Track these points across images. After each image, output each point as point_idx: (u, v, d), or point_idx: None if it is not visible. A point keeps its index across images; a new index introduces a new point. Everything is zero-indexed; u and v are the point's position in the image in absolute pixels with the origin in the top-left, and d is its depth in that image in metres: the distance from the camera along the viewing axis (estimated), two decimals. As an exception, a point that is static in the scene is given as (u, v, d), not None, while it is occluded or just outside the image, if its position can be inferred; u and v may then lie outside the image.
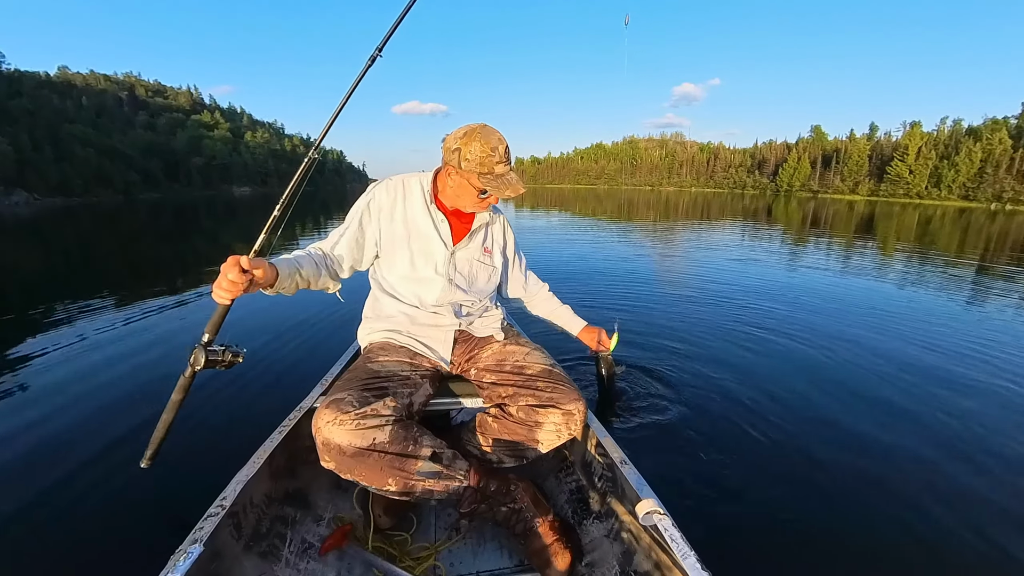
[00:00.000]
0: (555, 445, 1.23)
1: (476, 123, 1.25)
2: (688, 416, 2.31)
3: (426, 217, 1.34)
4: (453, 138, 1.24)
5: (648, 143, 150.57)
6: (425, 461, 1.11)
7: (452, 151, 1.23)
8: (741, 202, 38.01)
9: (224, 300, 1.04)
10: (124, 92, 76.06)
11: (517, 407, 1.23)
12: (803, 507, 1.70)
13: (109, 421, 2.28)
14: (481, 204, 1.30)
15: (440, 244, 1.34)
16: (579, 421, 1.22)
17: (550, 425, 1.20)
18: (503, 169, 1.23)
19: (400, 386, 1.20)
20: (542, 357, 1.34)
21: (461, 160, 1.21)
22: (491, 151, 1.20)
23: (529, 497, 1.20)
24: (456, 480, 1.14)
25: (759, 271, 6.51)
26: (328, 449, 1.06)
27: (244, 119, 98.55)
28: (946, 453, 2.08)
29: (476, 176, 1.21)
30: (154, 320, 3.97)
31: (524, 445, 1.23)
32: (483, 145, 1.19)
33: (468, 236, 1.38)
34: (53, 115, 50.35)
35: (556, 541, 1.14)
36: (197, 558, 0.86)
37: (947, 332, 3.81)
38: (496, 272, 1.48)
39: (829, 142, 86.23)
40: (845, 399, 2.54)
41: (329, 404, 1.08)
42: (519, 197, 1.87)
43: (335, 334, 3.50)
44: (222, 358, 1.12)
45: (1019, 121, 58.46)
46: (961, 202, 55.85)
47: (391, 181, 1.38)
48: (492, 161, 1.20)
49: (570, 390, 1.24)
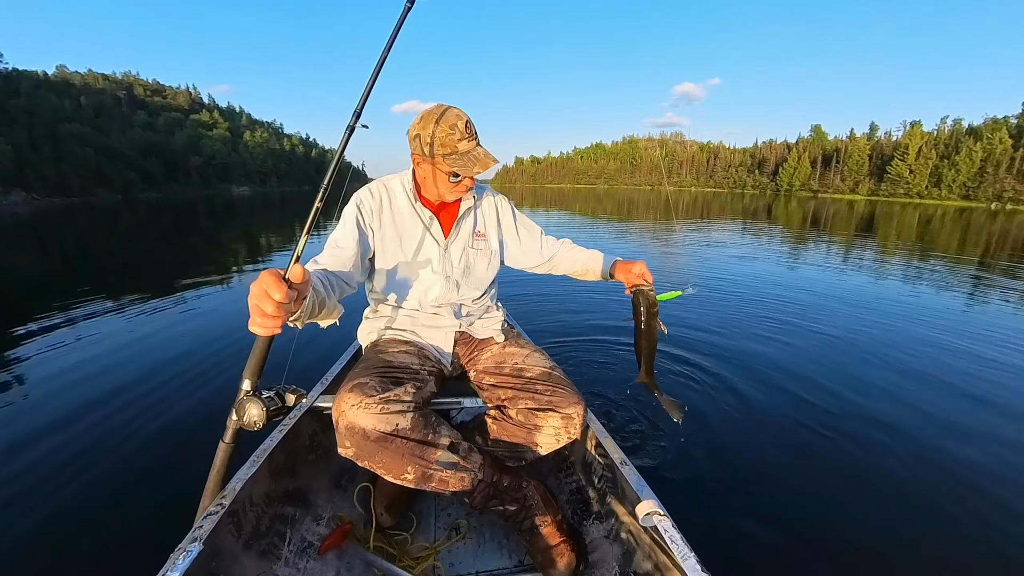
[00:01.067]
0: (554, 448, 1.22)
1: (433, 104, 1.20)
2: (688, 417, 2.30)
3: (414, 217, 1.30)
4: (412, 125, 1.19)
5: (648, 142, 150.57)
6: (444, 451, 1.10)
7: (413, 139, 1.19)
8: (741, 202, 38.02)
9: (267, 331, 0.78)
10: (123, 91, 75.93)
11: (516, 410, 1.22)
12: (803, 509, 1.70)
13: (108, 419, 2.28)
14: (457, 188, 1.24)
15: (432, 242, 1.31)
16: (578, 425, 1.20)
17: (549, 429, 1.19)
18: (468, 145, 1.17)
19: (414, 376, 1.19)
20: (542, 359, 1.32)
21: (423, 146, 1.16)
22: (450, 129, 1.14)
23: (540, 496, 1.21)
24: (471, 472, 1.13)
25: (755, 269, 6.50)
26: (352, 433, 1.02)
27: (243, 119, 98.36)
28: (944, 453, 2.08)
29: (441, 159, 1.16)
30: (152, 319, 3.96)
31: (523, 447, 1.22)
32: (441, 125, 1.14)
33: (456, 225, 1.33)
34: (51, 114, 50.19)
35: (563, 542, 1.14)
36: (196, 556, 0.86)
37: (945, 330, 3.82)
38: (495, 254, 1.42)
39: (829, 141, 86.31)
40: (846, 401, 2.54)
41: (352, 388, 1.05)
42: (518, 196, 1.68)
43: (334, 333, 3.47)
44: (282, 403, 0.97)
45: (1019, 121, 58.48)
46: (961, 202, 55.91)
47: (373, 186, 1.31)
48: (453, 140, 1.14)
49: (570, 393, 1.22)
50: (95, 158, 49.74)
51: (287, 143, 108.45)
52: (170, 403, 2.45)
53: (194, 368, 2.89)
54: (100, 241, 10.93)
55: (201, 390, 2.62)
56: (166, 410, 2.38)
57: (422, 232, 1.30)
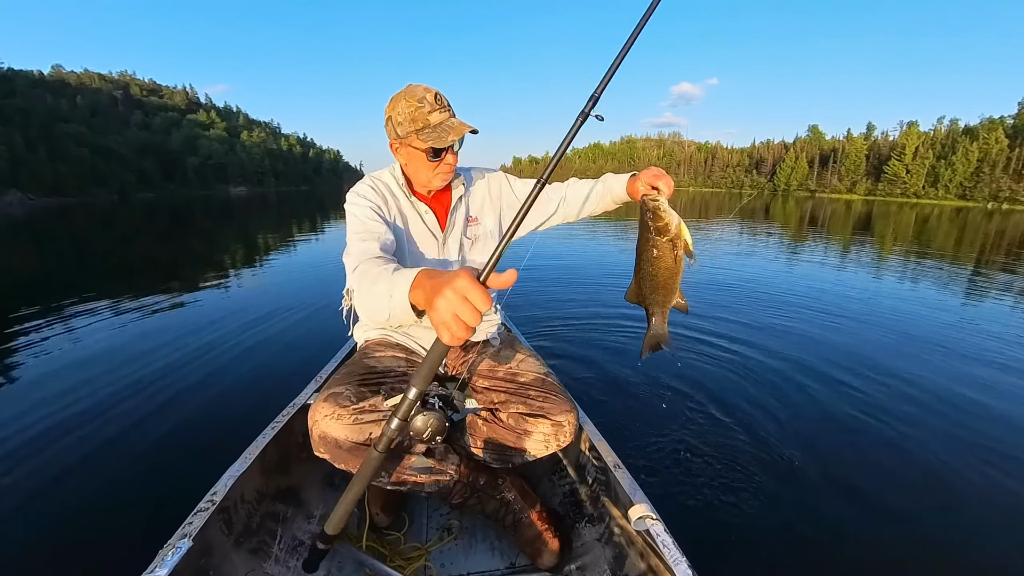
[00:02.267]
0: (543, 455, 1.19)
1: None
2: (682, 421, 2.29)
3: (410, 210, 1.26)
4: (385, 111, 1.16)
5: (646, 143, 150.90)
6: (418, 456, 1.12)
7: (387, 124, 1.16)
8: (739, 202, 38.09)
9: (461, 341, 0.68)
10: (119, 91, 75.80)
11: (507, 414, 1.19)
12: (794, 514, 1.69)
13: (101, 416, 2.28)
14: (440, 169, 1.17)
15: (429, 236, 1.27)
16: (569, 433, 1.17)
17: (539, 435, 1.16)
18: (440, 116, 1.11)
19: (397, 382, 1.19)
20: (536, 364, 1.31)
21: (396, 127, 1.13)
22: (418, 103, 1.10)
23: (517, 490, 1.22)
24: (447, 475, 1.15)
25: (752, 268, 6.51)
26: (325, 442, 1.04)
27: (240, 118, 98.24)
28: (942, 452, 2.08)
29: (415, 136, 1.11)
30: (148, 319, 3.94)
31: (512, 451, 1.20)
32: (408, 101, 1.10)
33: (450, 215, 1.28)
34: (47, 114, 50.11)
35: (546, 530, 1.17)
36: (186, 553, 0.85)
37: (939, 329, 3.82)
38: (492, 236, 1.37)
39: (826, 142, 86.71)
40: (837, 406, 2.50)
41: (327, 398, 1.06)
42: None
43: (331, 330, 3.47)
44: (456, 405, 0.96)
45: (1015, 121, 58.81)
46: (958, 201, 56.21)
47: (368, 182, 1.24)
48: (424, 113, 1.10)
49: (562, 400, 1.20)
50: (91, 158, 49.62)
51: (284, 143, 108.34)
52: (166, 402, 2.43)
53: (192, 367, 2.87)
54: (96, 242, 10.89)
55: (197, 385, 2.62)
56: (162, 410, 2.36)
57: (419, 226, 1.26)
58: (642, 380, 2.66)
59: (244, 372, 2.79)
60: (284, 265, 6.96)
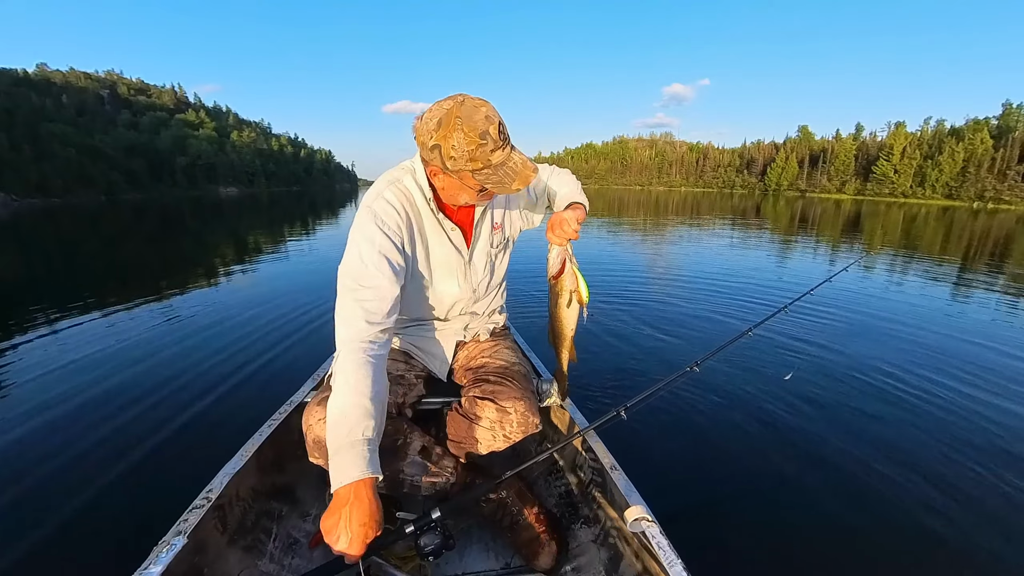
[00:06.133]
0: (494, 447, 1.12)
1: (447, 99, 0.91)
2: (678, 425, 2.29)
3: (437, 231, 1.11)
4: (426, 131, 0.92)
5: (638, 143, 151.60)
6: (413, 457, 1.10)
7: (431, 149, 0.92)
8: (730, 201, 38.43)
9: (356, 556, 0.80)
10: (105, 90, 74.64)
11: (466, 398, 1.16)
12: (790, 517, 1.70)
13: (96, 415, 2.27)
14: (485, 197, 1.03)
15: (455, 254, 1.15)
16: (516, 422, 1.11)
17: (485, 421, 1.11)
18: (502, 156, 0.91)
19: (394, 384, 1.17)
20: (510, 355, 1.27)
21: (445, 160, 0.91)
22: (479, 139, 0.87)
23: (513, 491, 1.20)
24: (443, 476, 1.14)
25: (749, 267, 6.55)
26: (318, 446, 1.01)
27: (230, 118, 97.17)
28: (940, 453, 2.10)
29: (470, 175, 0.92)
30: (143, 319, 3.90)
31: (466, 442, 1.14)
32: (468, 136, 0.87)
33: (476, 229, 1.17)
34: (32, 114, 49.23)
35: (542, 532, 1.15)
36: (180, 550, 0.85)
37: (936, 331, 3.87)
38: (512, 242, 1.31)
39: (816, 142, 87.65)
40: (834, 409, 2.50)
41: (320, 401, 1.04)
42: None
43: (329, 329, 3.43)
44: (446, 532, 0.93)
45: (1000, 122, 59.89)
46: (945, 201, 57.08)
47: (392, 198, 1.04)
48: (486, 152, 0.89)
49: (514, 388, 1.14)
50: (77, 158, 48.85)
51: (275, 143, 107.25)
52: (161, 401, 2.40)
53: (187, 368, 2.84)
54: (84, 243, 10.72)
55: (193, 382, 2.60)
56: (157, 408, 2.34)
57: (444, 247, 1.14)
58: (641, 381, 2.66)
59: (241, 370, 2.77)
60: (281, 265, 6.94)
